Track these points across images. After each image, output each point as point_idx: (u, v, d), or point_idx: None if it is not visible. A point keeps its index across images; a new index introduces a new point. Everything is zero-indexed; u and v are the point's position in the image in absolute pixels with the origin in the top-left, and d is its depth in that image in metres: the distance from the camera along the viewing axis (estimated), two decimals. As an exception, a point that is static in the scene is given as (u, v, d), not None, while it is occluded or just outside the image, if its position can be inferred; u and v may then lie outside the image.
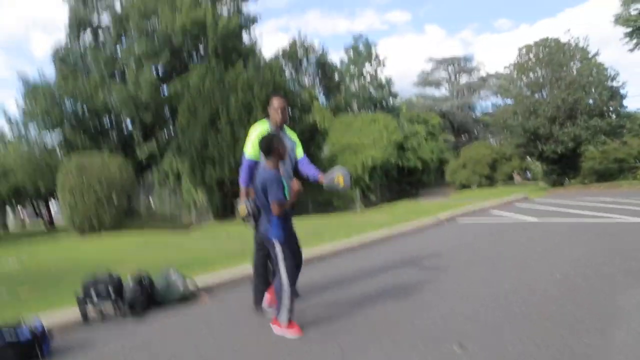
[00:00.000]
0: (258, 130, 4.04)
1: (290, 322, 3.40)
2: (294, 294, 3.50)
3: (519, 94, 21.70)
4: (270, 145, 3.39)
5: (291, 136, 4.22)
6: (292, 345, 3.16)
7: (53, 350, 3.24)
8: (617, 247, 5.98)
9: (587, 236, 6.99)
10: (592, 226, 8.03)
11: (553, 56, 20.72)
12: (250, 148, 3.97)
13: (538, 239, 6.98)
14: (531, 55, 21.60)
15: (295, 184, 3.49)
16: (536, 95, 21.43)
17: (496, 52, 68.70)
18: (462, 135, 40.81)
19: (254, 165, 3.91)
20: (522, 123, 20.55)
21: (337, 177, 3.96)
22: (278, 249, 3.38)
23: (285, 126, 4.16)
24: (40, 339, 3.11)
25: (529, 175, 30.46)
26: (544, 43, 21.35)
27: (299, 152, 4.26)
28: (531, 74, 21.62)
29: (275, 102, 4.04)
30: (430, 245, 7.18)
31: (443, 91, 43.73)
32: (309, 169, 4.21)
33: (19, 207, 34.45)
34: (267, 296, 3.82)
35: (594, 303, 3.66)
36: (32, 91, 20.25)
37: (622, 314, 3.38)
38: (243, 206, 3.85)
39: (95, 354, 3.21)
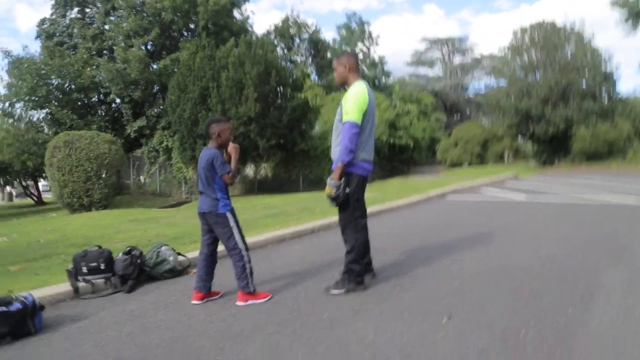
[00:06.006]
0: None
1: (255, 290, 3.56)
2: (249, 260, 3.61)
3: (512, 75, 21.71)
4: (207, 130, 3.61)
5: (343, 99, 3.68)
6: (280, 316, 3.21)
7: (45, 324, 3.25)
8: (602, 227, 6.09)
9: (573, 215, 7.10)
10: (578, 206, 8.15)
11: (548, 39, 20.66)
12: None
13: (526, 218, 7.08)
14: (526, 38, 21.53)
15: (231, 146, 3.61)
16: (529, 77, 21.44)
17: (494, 32, 67.93)
18: (454, 115, 40.82)
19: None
20: (514, 104, 20.59)
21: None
22: (230, 218, 3.56)
23: (350, 87, 3.68)
24: (32, 310, 3.11)
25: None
26: (540, 26, 21.28)
27: (344, 117, 3.58)
28: (525, 56, 21.57)
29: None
30: (420, 221, 7.24)
31: (436, 71, 43.54)
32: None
33: (7, 185, 34.14)
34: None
35: (577, 280, 3.75)
36: (17, 67, 19.81)
37: (603, 290, 3.48)
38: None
39: (88, 325, 3.24)
